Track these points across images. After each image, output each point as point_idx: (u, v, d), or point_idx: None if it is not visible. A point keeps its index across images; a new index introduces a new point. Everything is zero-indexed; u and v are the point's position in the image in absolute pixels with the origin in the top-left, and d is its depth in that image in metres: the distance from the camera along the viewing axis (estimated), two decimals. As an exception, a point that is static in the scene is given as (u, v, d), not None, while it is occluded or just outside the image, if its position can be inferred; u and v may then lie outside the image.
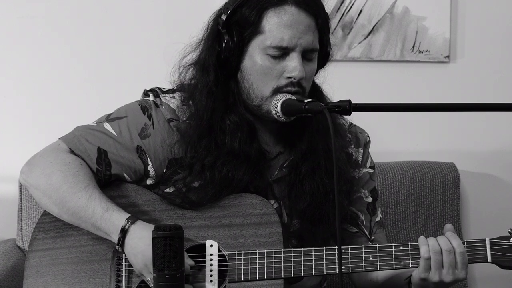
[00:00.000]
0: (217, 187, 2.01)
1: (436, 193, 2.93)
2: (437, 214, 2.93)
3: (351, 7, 3.02)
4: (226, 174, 2.01)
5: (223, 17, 2.00)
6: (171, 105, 2.08)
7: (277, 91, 1.98)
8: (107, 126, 2.07)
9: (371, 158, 2.24)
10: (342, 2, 3.01)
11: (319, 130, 2.08)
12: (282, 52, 1.97)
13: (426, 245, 1.93)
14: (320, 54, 2.05)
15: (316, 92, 2.10)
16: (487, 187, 3.15)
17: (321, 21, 2.01)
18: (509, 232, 1.98)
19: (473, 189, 3.12)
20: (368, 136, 2.25)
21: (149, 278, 1.93)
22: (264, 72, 1.98)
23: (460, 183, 2.97)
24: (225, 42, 1.99)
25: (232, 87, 2.04)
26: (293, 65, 1.97)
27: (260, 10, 1.97)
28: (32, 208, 2.71)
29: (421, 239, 1.96)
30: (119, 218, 1.95)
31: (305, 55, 2.00)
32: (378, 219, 2.22)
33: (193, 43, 2.10)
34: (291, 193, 2.08)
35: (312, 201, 2.06)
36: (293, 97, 1.97)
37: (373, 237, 2.19)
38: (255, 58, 1.99)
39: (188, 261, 1.93)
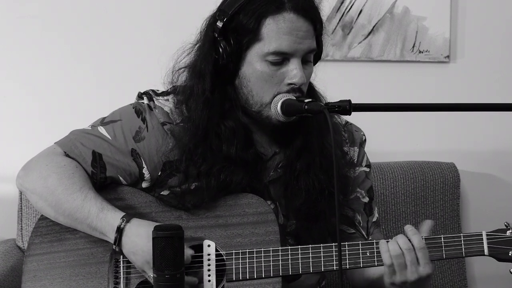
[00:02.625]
0: (213, 192, 2.00)
1: (436, 193, 2.92)
2: (437, 214, 2.92)
3: (351, 7, 3.01)
4: (224, 180, 2.00)
5: (219, 24, 1.98)
6: (165, 108, 2.07)
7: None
8: (102, 129, 2.07)
9: (367, 157, 2.22)
10: (342, 2, 3.00)
11: (314, 127, 2.07)
12: (282, 59, 1.96)
13: (387, 252, 1.92)
14: (315, 54, 2.05)
15: (311, 90, 2.09)
16: (487, 187, 3.14)
17: (319, 26, 2.00)
18: (505, 225, 1.98)
19: (473, 189, 3.12)
20: (364, 135, 2.23)
21: (151, 274, 1.92)
22: (264, 79, 1.98)
23: (460, 183, 2.96)
24: (222, 49, 1.98)
25: (230, 93, 2.03)
26: (294, 71, 1.96)
27: (259, 17, 1.95)
28: (32, 208, 2.71)
29: (382, 244, 1.94)
30: (114, 217, 1.95)
31: (304, 58, 1.99)
32: (374, 219, 2.21)
33: (186, 47, 2.08)
34: (286, 191, 2.07)
35: (308, 198, 2.05)
36: (293, 97, 1.97)
37: (370, 238, 2.19)
38: (255, 65, 1.98)
39: (188, 251, 1.92)
